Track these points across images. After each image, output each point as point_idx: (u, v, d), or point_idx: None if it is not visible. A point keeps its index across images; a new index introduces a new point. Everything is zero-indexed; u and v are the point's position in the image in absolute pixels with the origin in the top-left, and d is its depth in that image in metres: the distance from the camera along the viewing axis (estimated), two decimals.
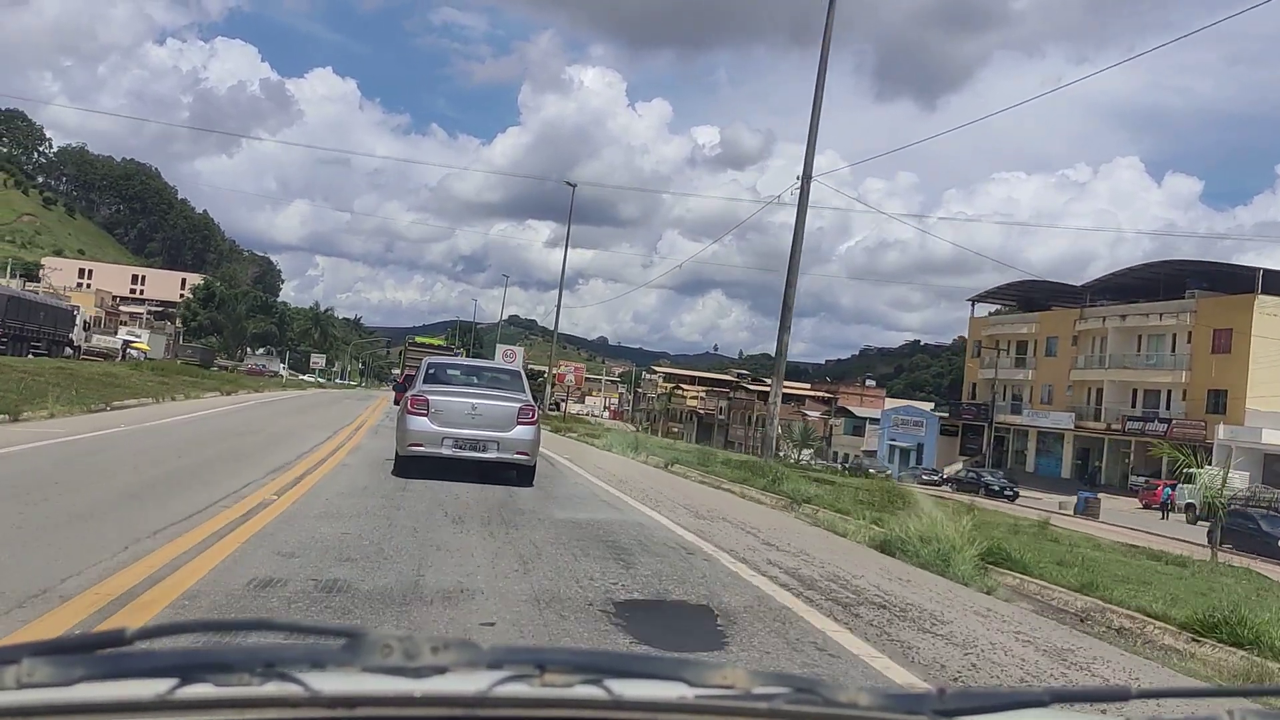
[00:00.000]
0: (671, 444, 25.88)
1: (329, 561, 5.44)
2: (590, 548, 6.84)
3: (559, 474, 13.23)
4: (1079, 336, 55.19)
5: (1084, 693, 1.11)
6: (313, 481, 9.21)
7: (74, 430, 12.36)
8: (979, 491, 39.09)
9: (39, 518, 6.05)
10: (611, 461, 17.17)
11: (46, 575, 4.45)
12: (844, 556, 7.95)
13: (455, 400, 10.36)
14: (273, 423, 17.86)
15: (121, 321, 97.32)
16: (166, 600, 4.24)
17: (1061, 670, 4.66)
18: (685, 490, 13.19)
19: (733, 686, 0.90)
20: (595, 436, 24.85)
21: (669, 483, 14.30)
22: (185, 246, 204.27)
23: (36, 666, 0.82)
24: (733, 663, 0.99)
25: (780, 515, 11.16)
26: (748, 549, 7.75)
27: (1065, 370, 55.45)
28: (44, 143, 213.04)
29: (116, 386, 22.57)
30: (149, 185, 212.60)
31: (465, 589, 5.01)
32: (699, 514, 10.14)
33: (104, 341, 63.53)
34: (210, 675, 0.83)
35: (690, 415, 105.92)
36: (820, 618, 5.27)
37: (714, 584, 5.98)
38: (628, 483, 12.81)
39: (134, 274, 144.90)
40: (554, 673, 0.88)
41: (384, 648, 0.85)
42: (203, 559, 5.17)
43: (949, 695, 0.96)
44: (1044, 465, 56.17)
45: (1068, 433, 54.17)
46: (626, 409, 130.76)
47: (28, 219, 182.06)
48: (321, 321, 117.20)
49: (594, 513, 9.12)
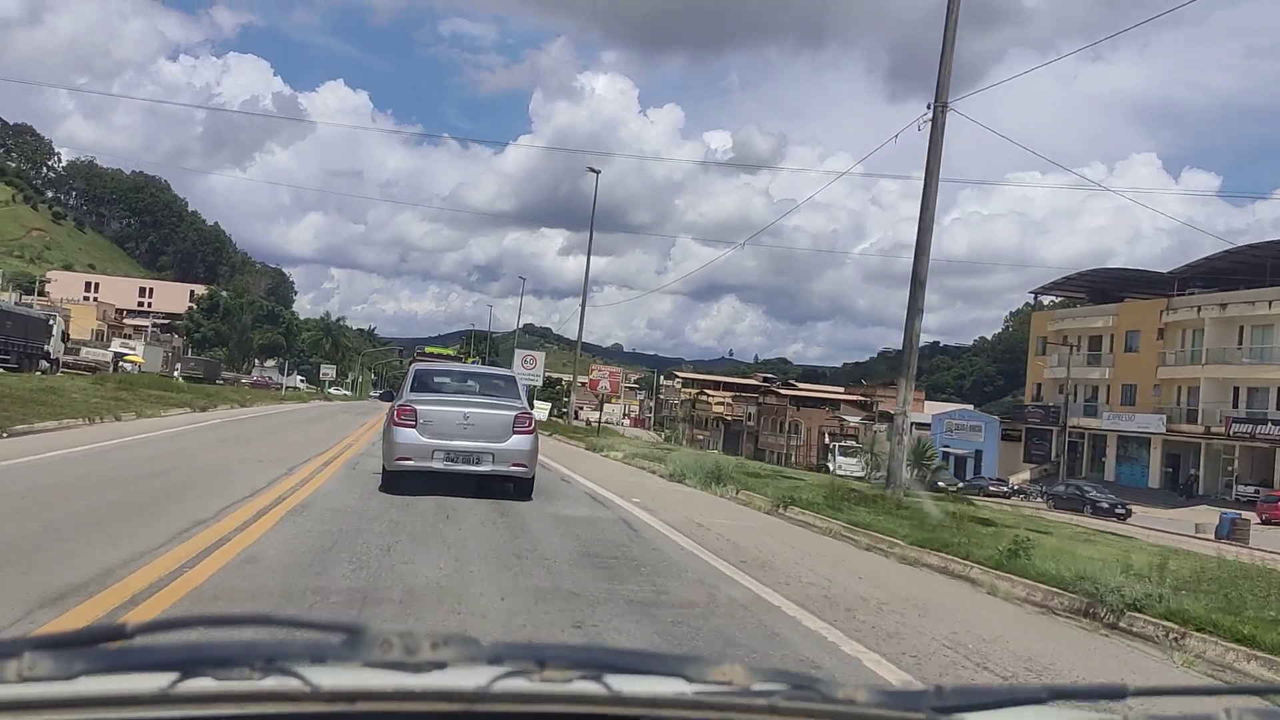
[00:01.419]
0: (749, 467, 20.43)
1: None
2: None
3: (642, 541, 7.96)
4: (1166, 329, 49.33)
5: (1081, 690, 1.07)
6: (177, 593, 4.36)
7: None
8: (1084, 509, 33.43)
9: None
10: (695, 504, 11.86)
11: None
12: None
13: (445, 410, 9.80)
14: (214, 452, 12.71)
15: (126, 335, 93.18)
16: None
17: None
18: (871, 573, 7.79)
19: (731, 683, 0.90)
20: (647, 457, 19.49)
21: (814, 549, 8.98)
22: (197, 259, 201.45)
23: (37, 660, 0.82)
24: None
25: (1135, 654, 5.86)
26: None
27: (1150, 367, 49.59)
28: (53, 157, 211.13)
29: (46, 404, 17.78)
30: (159, 198, 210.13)
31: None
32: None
33: (92, 354, 59.17)
34: (211, 670, 0.83)
35: (717, 422, 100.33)
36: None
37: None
38: (771, 565, 7.41)
39: (141, 286, 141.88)
40: (553, 668, 0.88)
41: (384, 643, 0.85)
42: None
43: (947, 692, 0.96)
44: (1127, 473, 50.29)
45: (1156, 437, 48.32)
46: (648, 416, 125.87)
47: (36, 234, 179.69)
48: (333, 332, 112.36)
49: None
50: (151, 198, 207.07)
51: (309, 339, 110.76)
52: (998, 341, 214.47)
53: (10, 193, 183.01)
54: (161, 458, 11.68)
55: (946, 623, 5.83)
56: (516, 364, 52.91)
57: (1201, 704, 1.09)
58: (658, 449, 23.36)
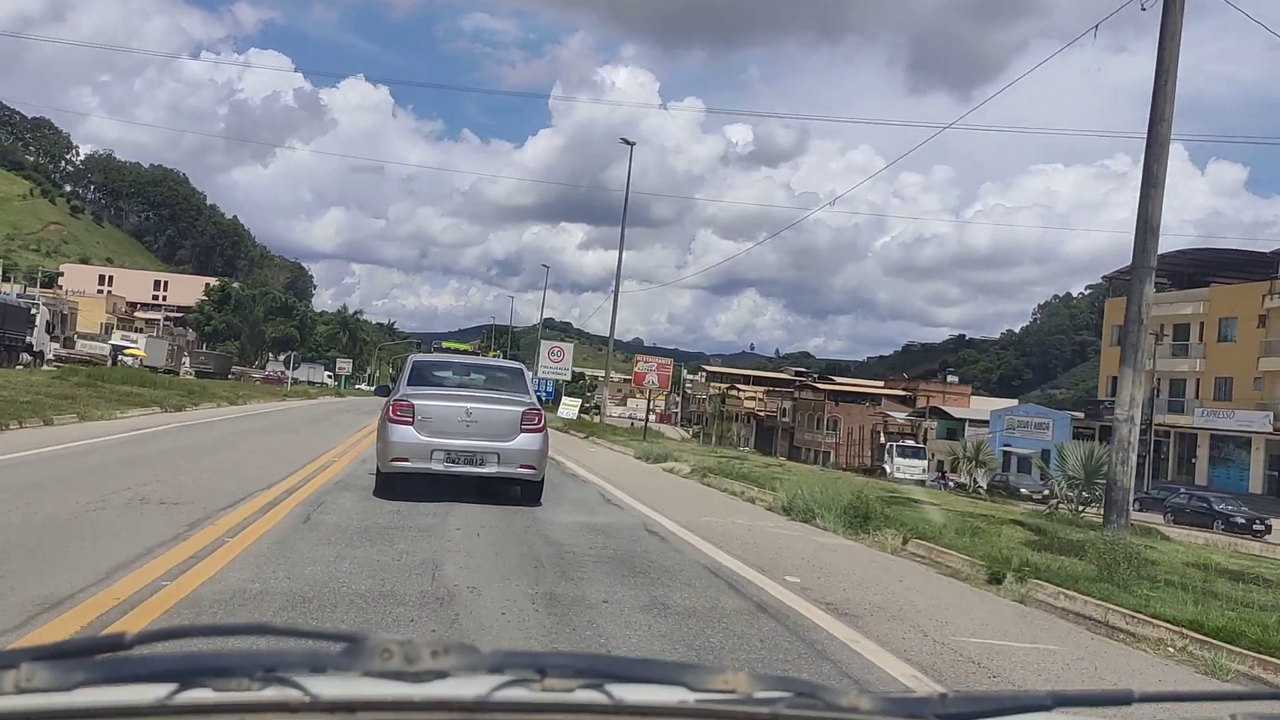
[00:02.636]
0: (866, 491, 15.36)
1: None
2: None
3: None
4: (1268, 316, 44.00)
5: (1087, 696, 1.07)
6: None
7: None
8: (1214, 525, 28.39)
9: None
10: (876, 576, 7.15)
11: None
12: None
13: (445, 405, 8.98)
14: (100, 484, 8.15)
15: (137, 328, 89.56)
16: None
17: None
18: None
19: (734, 691, 0.89)
20: (729, 474, 14.83)
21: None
22: (215, 253, 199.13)
23: (36, 671, 0.81)
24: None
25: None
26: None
27: (1250, 358, 44.28)
28: (71, 150, 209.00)
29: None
30: (177, 191, 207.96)
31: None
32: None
33: (89, 347, 55.31)
34: (210, 680, 0.83)
35: (748, 418, 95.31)
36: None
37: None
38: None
39: (156, 280, 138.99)
40: (554, 677, 0.87)
41: (384, 652, 0.84)
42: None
43: (951, 699, 0.95)
44: (1222, 477, 45.03)
45: (1259, 436, 43.08)
46: (674, 412, 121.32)
47: (54, 228, 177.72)
48: (350, 325, 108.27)
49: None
50: (170, 191, 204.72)
51: (325, 333, 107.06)
52: (1025, 334, 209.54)
53: (28, 186, 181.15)
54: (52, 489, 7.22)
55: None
56: (543, 356, 48.33)
57: (1208, 709, 0.99)
58: (797, 479, 18.35)
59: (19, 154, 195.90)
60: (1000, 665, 4.78)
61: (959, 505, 16.75)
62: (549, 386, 55.45)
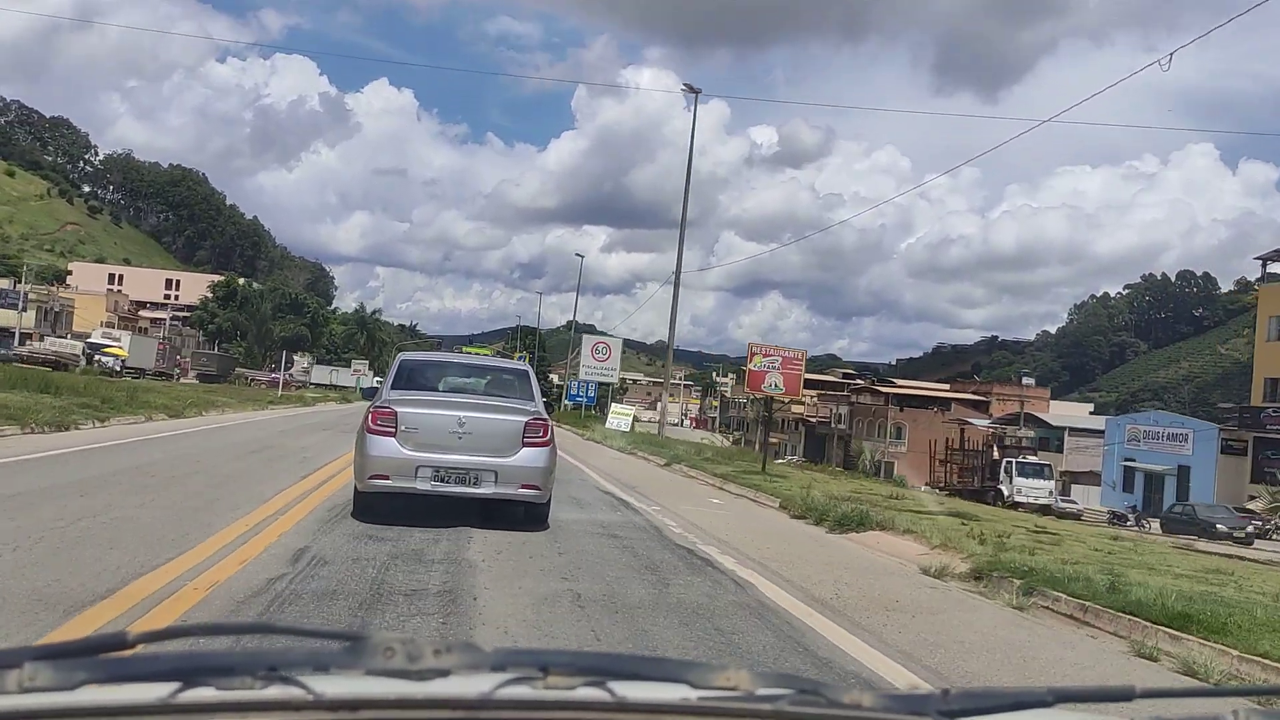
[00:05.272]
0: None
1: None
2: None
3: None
4: None
5: (1087, 693, 1.10)
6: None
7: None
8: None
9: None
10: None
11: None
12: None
13: (434, 413, 7.84)
14: None
15: (140, 328, 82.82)
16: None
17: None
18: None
19: (736, 688, 0.90)
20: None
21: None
22: (235, 254, 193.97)
23: (38, 670, 0.81)
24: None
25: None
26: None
27: None
28: (90, 150, 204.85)
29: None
30: (196, 191, 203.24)
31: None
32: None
33: (56, 345, 48.05)
34: (213, 678, 0.83)
35: (796, 424, 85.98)
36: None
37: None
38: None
39: (168, 279, 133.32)
40: (557, 675, 0.88)
41: (386, 650, 0.85)
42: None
43: (953, 696, 0.96)
44: None
45: None
46: (709, 417, 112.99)
47: (71, 227, 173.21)
48: (368, 325, 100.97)
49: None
50: (189, 191, 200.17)
51: (342, 333, 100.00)
52: (1061, 335, 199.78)
53: (46, 186, 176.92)
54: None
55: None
56: (585, 354, 40.11)
57: (1208, 705, 1.08)
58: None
59: (37, 154, 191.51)
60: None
61: (1193, 562, 8.73)
62: (591, 390, 47.61)
